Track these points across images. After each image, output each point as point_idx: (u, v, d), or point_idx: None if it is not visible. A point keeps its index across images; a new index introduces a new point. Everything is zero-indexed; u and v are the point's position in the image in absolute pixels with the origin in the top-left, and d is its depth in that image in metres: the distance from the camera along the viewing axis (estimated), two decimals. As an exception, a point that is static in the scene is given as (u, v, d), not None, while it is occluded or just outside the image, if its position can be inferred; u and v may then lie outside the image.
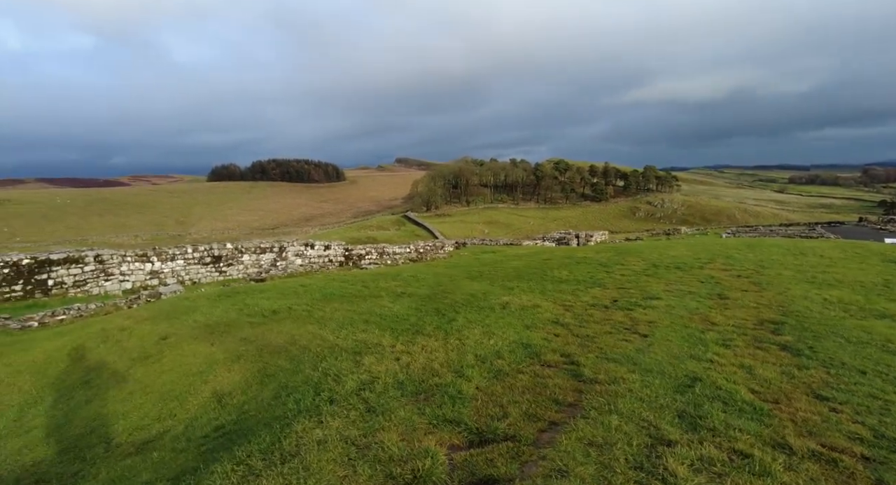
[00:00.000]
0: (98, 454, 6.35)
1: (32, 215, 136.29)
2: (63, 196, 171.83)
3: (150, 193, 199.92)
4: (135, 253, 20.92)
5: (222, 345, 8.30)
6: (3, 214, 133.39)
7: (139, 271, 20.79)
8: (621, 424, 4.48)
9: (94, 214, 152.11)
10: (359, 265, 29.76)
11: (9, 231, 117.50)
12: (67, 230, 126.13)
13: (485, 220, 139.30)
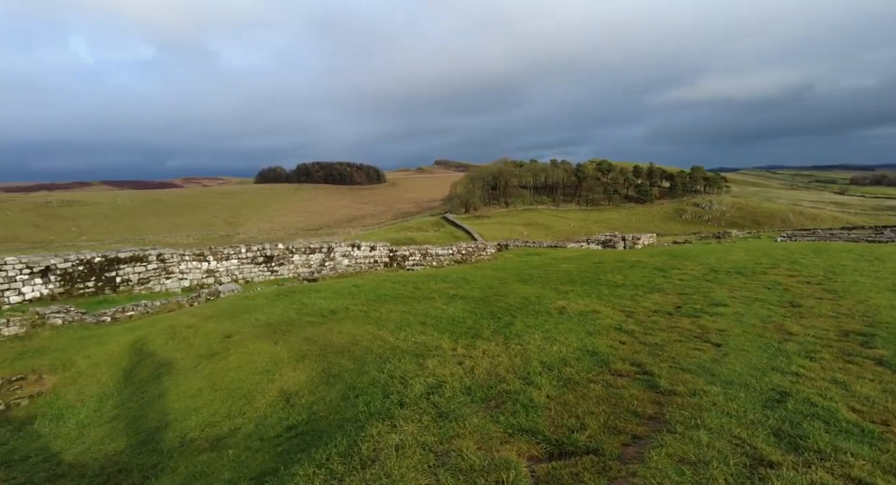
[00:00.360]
0: (174, 448, 6.58)
1: (97, 216, 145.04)
2: (123, 197, 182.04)
3: (200, 194, 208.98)
4: (192, 252, 21.82)
5: (286, 344, 8.47)
6: (72, 214, 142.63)
7: (196, 270, 21.66)
8: (712, 440, 4.22)
9: (150, 214, 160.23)
10: (403, 266, 30.02)
11: (77, 230, 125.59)
12: (127, 229, 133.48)
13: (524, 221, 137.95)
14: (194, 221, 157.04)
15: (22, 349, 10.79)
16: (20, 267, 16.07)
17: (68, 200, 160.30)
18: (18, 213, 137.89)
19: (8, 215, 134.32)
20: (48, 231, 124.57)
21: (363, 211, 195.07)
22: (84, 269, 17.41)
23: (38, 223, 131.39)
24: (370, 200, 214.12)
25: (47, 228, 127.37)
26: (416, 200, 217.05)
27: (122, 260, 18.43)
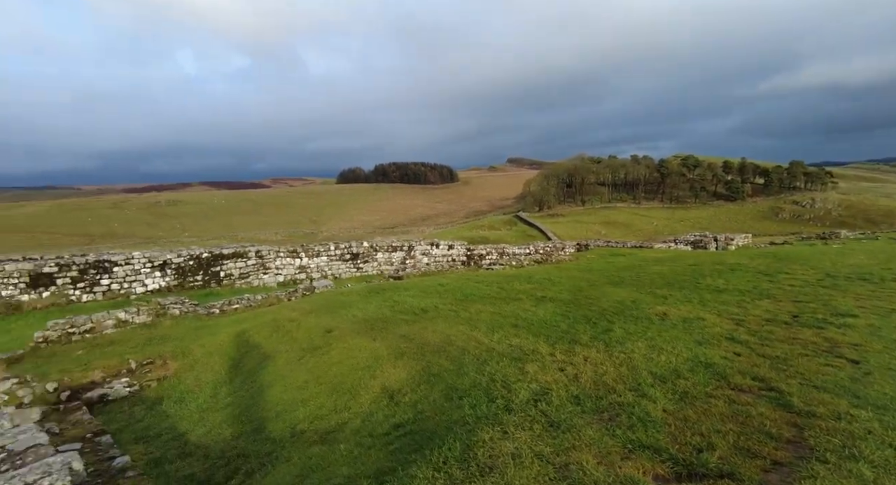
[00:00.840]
0: (286, 438, 6.96)
1: (197, 214, 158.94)
2: (219, 197, 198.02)
3: (287, 194, 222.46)
4: (286, 249, 23.19)
5: (384, 341, 8.70)
6: (177, 212, 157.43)
7: (290, 266, 23.01)
8: (878, 477, 3.74)
9: (243, 212, 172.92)
10: (480, 265, 30.03)
11: (180, 227, 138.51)
12: (222, 227, 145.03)
13: (602, 220, 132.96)
14: (282, 220, 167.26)
15: (149, 336, 12.01)
16: (143, 261, 17.95)
17: (174, 200, 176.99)
18: (134, 212, 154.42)
19: (126, 214, 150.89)
20: (157, 228, 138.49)
21: (436, 210, 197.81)
22: (194, 263, 19.09)
23: (149, 221, 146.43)
24: (443, 198, 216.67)
25: (156, 226, 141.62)
26: (488, 198, 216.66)
27: (226, 256, 20.00)
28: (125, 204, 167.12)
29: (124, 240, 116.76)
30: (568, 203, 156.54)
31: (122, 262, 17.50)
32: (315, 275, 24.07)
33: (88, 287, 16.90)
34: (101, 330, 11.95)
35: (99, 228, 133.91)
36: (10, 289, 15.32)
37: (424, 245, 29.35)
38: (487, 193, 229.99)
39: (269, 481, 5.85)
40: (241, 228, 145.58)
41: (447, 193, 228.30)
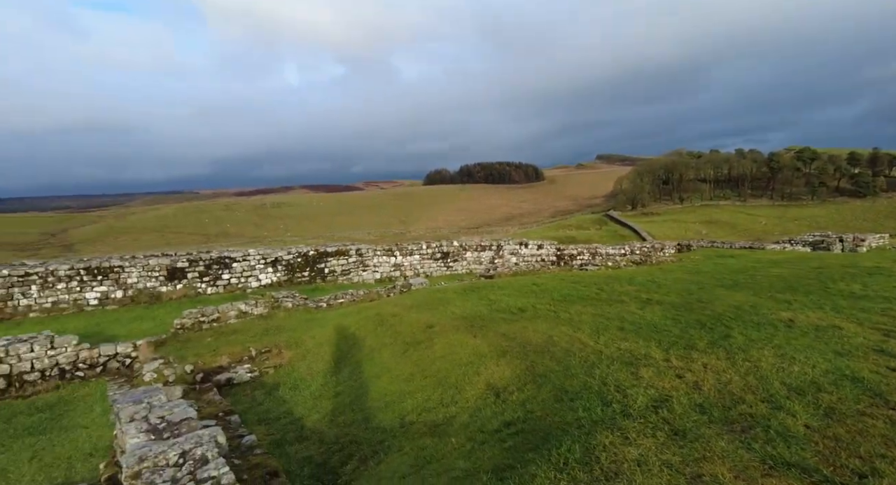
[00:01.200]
0: (395, 428, 7.25)
1: (298, 215, 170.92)
2: (318, 200, 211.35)
3: (378, 196, 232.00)
4: (383, 248, 24.18)
5: (484, 338, 8.76)
6: (280, 214, 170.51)
7: (386, 264, 23.97)
8: None
9: (339, 214, 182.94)
10: (570, 265, 29.20)
11: (283, 227, 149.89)
12: (321, 227, 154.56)
13: (702, 219, 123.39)
14: (373, 221, 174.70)
15: (266, 327, 13.12)
16: (258, 258, 19.67)
17: (278, 203, 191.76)
18: (244, 213, 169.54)
19: (237, 215, 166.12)
20: (263, 228, 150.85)
21: (521, 209, 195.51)
22: (301, 260, 20.56)
23: (256, 222, 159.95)
24: (528, 198, 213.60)
25: (262, 226, 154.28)
26: (575, 197, 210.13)
27: (329, 254, 21.30)
28: (236, 206, 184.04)
29: (235, 239, 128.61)
30: (664, 201, 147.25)
31: (240, 258, 19.32)
32: (408, 272, 24.84)
33: (212, 281, 18.86)
34: (225, 320, 13.28)
35: (214, 228, 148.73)
36: (152, 281, 17.57)
37: (513, 245, 29.15)
38: (574, 191, 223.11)
39: (384, 468, 6.12)
40: (337, 228, 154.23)
41: (532, 192, 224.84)
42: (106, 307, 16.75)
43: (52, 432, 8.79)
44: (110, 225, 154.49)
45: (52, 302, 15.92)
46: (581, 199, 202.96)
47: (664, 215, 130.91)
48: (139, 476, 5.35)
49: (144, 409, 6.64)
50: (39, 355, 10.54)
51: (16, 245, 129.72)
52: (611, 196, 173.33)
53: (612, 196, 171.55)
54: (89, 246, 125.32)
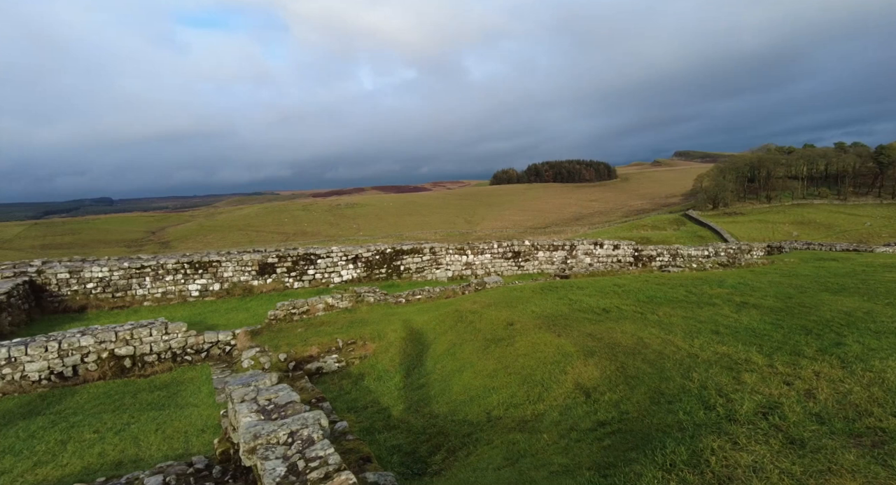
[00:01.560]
0: (482, 421, 7.37)
1: (369, 215, 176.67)
2: (387, 200, 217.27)
3: (444, 196, 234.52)
4: (454, 247, 24.49)
5: (568, 337, 8.67)
6: (353, 214, 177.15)
7: (457, 262, 24.25)
8: None
9: (406, 214, 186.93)
10: (648, 266, 27.99)
11: (356, 227, 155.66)
12: (390, 227, 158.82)
13: (793, 219, 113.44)
14: (439, 220, 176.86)
15: (351, 319, 13.75)
16: (340, 255, 20.65)
17: (351, 204, 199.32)
18: (319, 213, 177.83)
19: (313, 215, 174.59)
20: (337, 227, 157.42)
21: (591, 208, 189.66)
22: (379, 258, 21.31)
23: (331, 221, 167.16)
24: (599, 197, 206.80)
25: (337, 225, 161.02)
26: (650, 195, 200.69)
27: (405, 252, 21.91)
28: (312, 207, 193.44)
29: (312, 237, 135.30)
30: (749, 200, 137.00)
31: (324, 255, 20.38)
32: (479, 271, 24.97)
33: (299, 276, 20.05)
34: (314, 312, 14.07)
35: (292, 227, 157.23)
36: (245, 275, 18.99)
37: (587, 244, 28.42)
38: (650, 190, 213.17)
39: (475, 460, 6.25)
40: (405, 227, 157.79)
41: (603, 191, 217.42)
42: (205, 298, 18.32)
43: (169, 408, 9.77)
44: (201, 224, 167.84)
45: (161, 292, 17.68)
46: (657, 198, 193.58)
47: (749, 215, 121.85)
48: (255, 451, 5.84)
49: (252, 391, 7.23)
50: (156, 340, 11.74)
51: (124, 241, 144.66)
52: (690, 195, 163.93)
53: (691, 195, 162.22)
54: (183, 243, 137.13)
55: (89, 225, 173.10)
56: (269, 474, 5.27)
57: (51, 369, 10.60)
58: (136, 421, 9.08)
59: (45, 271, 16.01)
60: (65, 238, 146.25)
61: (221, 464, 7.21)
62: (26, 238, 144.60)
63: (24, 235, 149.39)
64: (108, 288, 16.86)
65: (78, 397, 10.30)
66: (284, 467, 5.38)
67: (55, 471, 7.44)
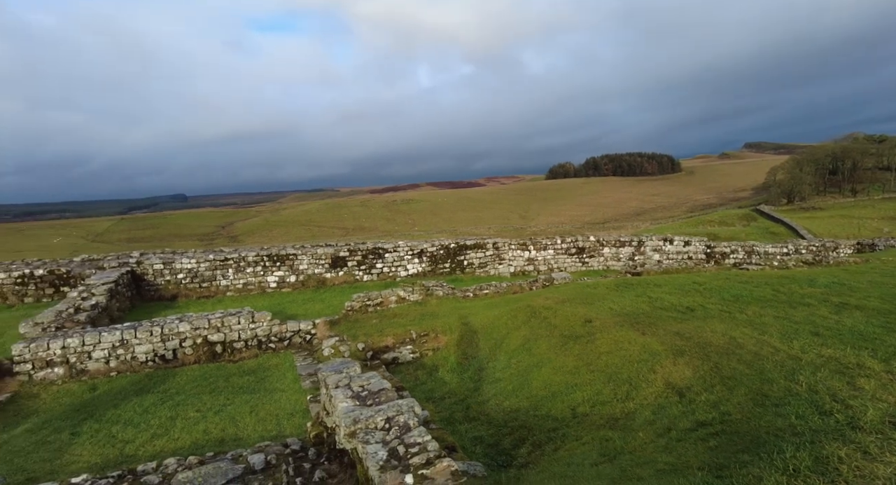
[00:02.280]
0: (567, 418, 7.34)
1: (424, 211, 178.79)
2: (441, 196, 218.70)
3: (498, 191, 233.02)
4: (517, 242, 24.34)
5: (654, 336, 8.44)
6: (408, 209, 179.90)
7: (519, 258, 24.10)
8: None
9: (460, 209, 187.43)
10: (722, 264, 26.63)
11: (411, 222, 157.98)
12: (444, 222, 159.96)
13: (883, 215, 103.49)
14: (493, 215, 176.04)
15: (422, 312, 14.05)
16: (406, 249, 21.11)
17: (406, 199, 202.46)
18: (376, 209, 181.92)
19: (370, 211, 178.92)
20: (393, 223, 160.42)
21: (653, 203, 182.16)
22: (443, 253, 21.59)
23: (387, 217, 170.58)
24: (661, 191, 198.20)
25: (393, 221, 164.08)
26: (717, 190, 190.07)
27: (468, 247, 22.06)
28: (370, 203, 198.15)
29: (369, 233, 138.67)
30: (830, 194, 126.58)
31: (392, 249, 20.90)
32: (542, 267, 24.69)
33: (368, 269, 20.68)
34: (387, 304, 14.48)
35: (351, 223, 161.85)
36: (319, 268, 19.83)
37: (656, 241, 27.40)
38: (716, 183, 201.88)
39: (564, 455, 6.25)
40: (459, 223, 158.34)
41: (666, 185, 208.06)
42: (282, 289, 19.30)
43: (259, 393, 10.41)
44: (267, 219, 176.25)
45: (242, 283, 18.80)
46: (724, 192, 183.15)
47: (829, 210, 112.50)
48: (355, 435, 6.14)
49: (345, 378, 7.57)
50: (244, 327, 12.52)
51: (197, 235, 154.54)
52: (761, 189, 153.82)
53: (762, 189, 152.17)
54: (250, 237, 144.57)
55: (166, 220, 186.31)
56: (372, 458, 5.53)
57: (155, 352, 11.57)
58: (232, 403, 9.75)
59: (143, 262, 17.47)
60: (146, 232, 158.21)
61: (315, 446, 7.61)
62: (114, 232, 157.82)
63: (112, 229, 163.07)
64: (196, 278, 18.16)
65: (178, 378, 11.18)
66: (385, 452, 5.62)
67: (169, 444, 8.15)
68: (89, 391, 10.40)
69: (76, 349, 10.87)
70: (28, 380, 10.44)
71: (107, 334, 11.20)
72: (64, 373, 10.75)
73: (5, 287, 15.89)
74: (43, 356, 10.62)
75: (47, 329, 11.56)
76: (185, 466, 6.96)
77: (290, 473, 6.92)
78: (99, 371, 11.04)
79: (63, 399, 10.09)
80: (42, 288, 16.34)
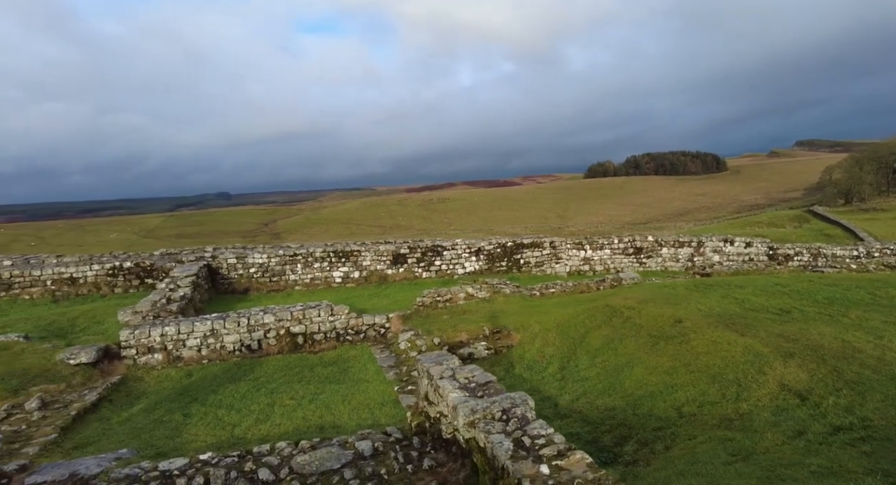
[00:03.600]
0: (672, 417, 7.26)
1: (460, 210, 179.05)
2: (477, 195, 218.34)
3: (535, 190, 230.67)
4: (572, 242, 24.11)
5: (755, 337, 8.24)
6: (444, 208, 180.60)
7: (575, 257, 23.86)
8: None
9: (496, 208, 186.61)
10: (786, 266, 25.61)
11: (447, 221, 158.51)
12: (480, 221, 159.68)
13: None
14: (530, 215, 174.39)
15: (490, 310, 14.14)
16: (464, 247, 21.28)
17: (442, 198, 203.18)
18: (413, 208, 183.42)
19: (407, 210, 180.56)
20: (429, 221, 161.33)
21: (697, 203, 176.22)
22: (500, 251, 21.64)
23: (423, 216, 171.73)
24: (706, 191, 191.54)
25: (429, 219, 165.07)
26: (765, 189, 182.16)
27: (525, 245, 22.02)
28: (406, 201, 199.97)
29: (405, 231, 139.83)
30: (894, 194, 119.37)
31: (450, 247, 21.11)
32: (598, 267, 24.36)
33: (426, 266, 20.96)
34: (455, 301, 14.65)
35: (388, 221, 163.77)
36: (381, 264, 20.24)
37: (716, 241, 26.62)
38: (765, 183, 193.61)
39: (681, 454, 6.19)
40: (495, 222, 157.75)
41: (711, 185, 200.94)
42: (346, 285, 19.79)
43: (346, 383, 10.72)
44: (307, 217, 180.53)
45: (310, 278, 19.39)
46: (773, 192, 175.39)
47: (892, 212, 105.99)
48: (475, 425, 6.28)
49: (448, 370, 7.73)
50: (323, 320, 12.93)
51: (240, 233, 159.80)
52: (815, 189, 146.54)
53: (816, 189, 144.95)
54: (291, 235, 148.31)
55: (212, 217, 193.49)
56: (499, 448, 5.64)
57: (241, 342, 12.10)
58: (323, 392, 10.09)
59: (217, 257, 18.28)
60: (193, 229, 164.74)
61: (417, 435, 7.80)
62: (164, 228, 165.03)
63: (162, 225, 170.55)
64: (267, 273, 18.85)
65: (264, 367, 11.65)
66: (510, 442, 5.72)
67: (273, 429, 8.53)
68: (186, 377, 10.99)
69: (173, 337, 11.50)
70: (133, 364, 11.12)
71: (199, 324, 11.79)
72: (162, 359, 11.40)
73: (98, 278, 16.97)
74: (145, 343, 11.29)
75: (146, 317, 12.27)
76: (300, 450, 7.27)
77: (399, 460, 7.14)
78: (192, 359, 11.64)
79: (164, 383, 10.70)
80: (129, 279, 17.33)
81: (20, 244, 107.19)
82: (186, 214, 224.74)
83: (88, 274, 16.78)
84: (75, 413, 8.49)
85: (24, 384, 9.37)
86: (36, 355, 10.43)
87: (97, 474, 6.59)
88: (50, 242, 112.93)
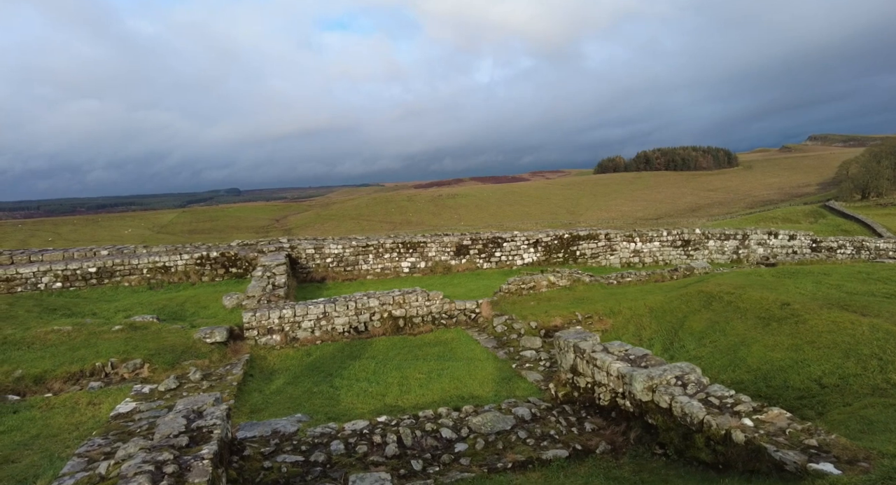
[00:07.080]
0: (813, 389, 7.81)
1: (469, 206, 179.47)
2: (487, 191, 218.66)
3: (544, 186, 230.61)
4: (623, 234, 24.62)
5: (879, 317, 8.78)
6: (454, 204, 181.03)
7: (626, 249, 24.39)
8: None
9: (506, 204, 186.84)
10: (833, 258, 26.12)
11: (457, 217, 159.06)
12: (490, 217, 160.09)
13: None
14: (540, 211, 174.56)
15: (573, 297, 14.73)
16: (522, 239, 21.86)
17: (451, 194, 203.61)
18: (422, 204, 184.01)
19: (417, 205, 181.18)
20: (439, 217, 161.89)
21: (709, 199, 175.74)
22: (557, 242, 22.20)
23: (433, 211, 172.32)
24: (718, 186, 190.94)
25: (439, 215, 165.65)
26: (778, 185, 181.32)
27: (581, 237, 22.58)
28: (416, 197, 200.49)
29: (416, 226, 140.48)
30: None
31: (509, 239, 21.70)
32: (647, 259, 24.88)
33: (487, 257, 21.56)
34: (539, 289, 15.25)
35: (398, 217, 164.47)
36: (445, 255, 20.87)
37: (760, 234, 27.11)
38: (778, 178, 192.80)
39: (839, 417, 6.73)
40: (505, 217, 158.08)
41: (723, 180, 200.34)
42: (414, 274, 20.43)
43: (459, 360, 11.31)
44: (318, 213, 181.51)
45: (380, 268, 20.05)
46: (787, 187, 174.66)
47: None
48: (654, 390, 6.86)
49: (598, 345, 8.33)
50: (421, 304, 13.55)
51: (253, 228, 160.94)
52: (830, 183, 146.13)
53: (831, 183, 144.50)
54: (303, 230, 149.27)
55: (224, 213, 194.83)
56: (690, 406, 6.22)
57: (350, 324, 12.74)
58: (446, 368, 10.68)
59: (296, 247, 18.97)
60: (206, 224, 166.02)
61: (566, 404, 8.42)
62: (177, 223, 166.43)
63: (175, 221, 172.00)
64: (342, 263, 19.52)
65: (375, 346, 12.28)
66: (697, 402, 6.31)
67: (419, 398, 9.13)
68: (306, 356, 11.64)
69: (289, 319, 12.16)
70: (255, 344, 11.78)
71: (312, 307, 12.44)
72: (280, 339, 12.05)
73: (188, 267, 17.67)
74: (265, 324, 11.95)
75: (260, 301, 12.93)
76: (465, 413, 7.89)
77: (561, 422, 7.76)
78: (306, 339, 12.30)
79: (287, 361, 11.34)
80: (215, 268, 18.04)
81: (38, 239, 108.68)
82: (199, 209, 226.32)
83: (179, 263, 17.50)
84: (237, 383, 9.15)
85: (176, 359, 10.04)
86: (174, 334, 11.10)
87: (295, 432, 7.25)
88: (66, 238, 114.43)
